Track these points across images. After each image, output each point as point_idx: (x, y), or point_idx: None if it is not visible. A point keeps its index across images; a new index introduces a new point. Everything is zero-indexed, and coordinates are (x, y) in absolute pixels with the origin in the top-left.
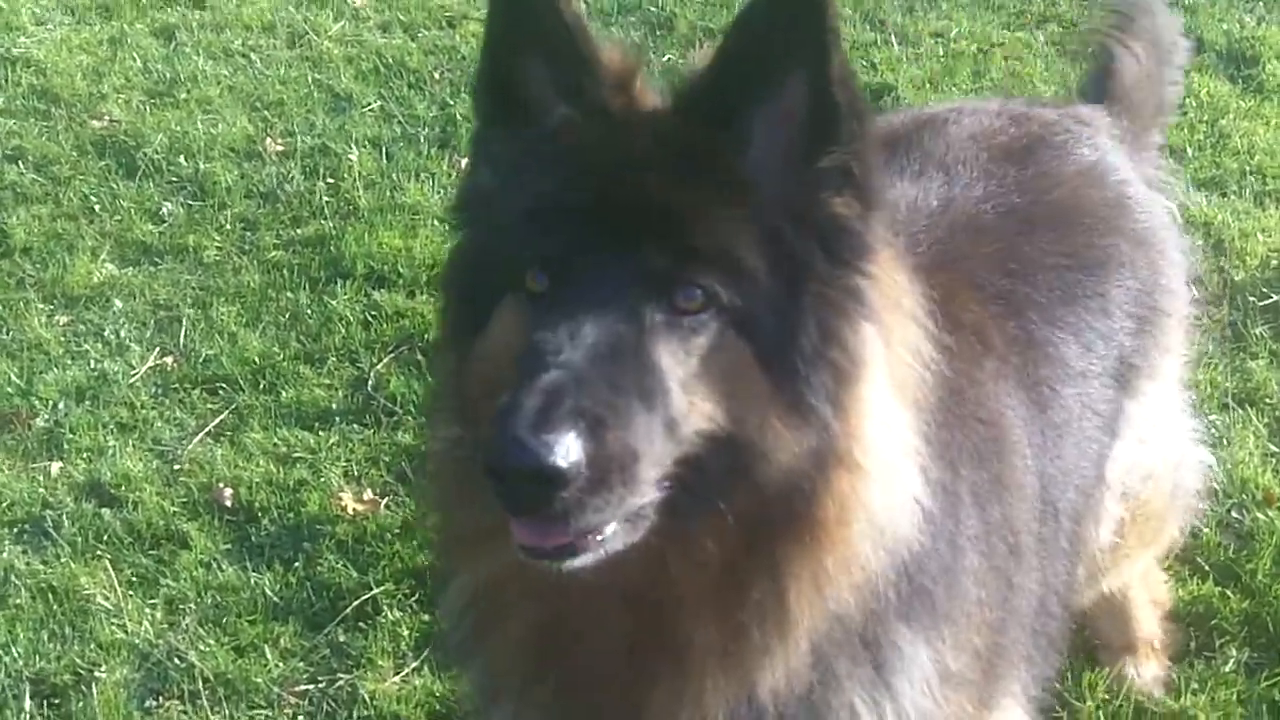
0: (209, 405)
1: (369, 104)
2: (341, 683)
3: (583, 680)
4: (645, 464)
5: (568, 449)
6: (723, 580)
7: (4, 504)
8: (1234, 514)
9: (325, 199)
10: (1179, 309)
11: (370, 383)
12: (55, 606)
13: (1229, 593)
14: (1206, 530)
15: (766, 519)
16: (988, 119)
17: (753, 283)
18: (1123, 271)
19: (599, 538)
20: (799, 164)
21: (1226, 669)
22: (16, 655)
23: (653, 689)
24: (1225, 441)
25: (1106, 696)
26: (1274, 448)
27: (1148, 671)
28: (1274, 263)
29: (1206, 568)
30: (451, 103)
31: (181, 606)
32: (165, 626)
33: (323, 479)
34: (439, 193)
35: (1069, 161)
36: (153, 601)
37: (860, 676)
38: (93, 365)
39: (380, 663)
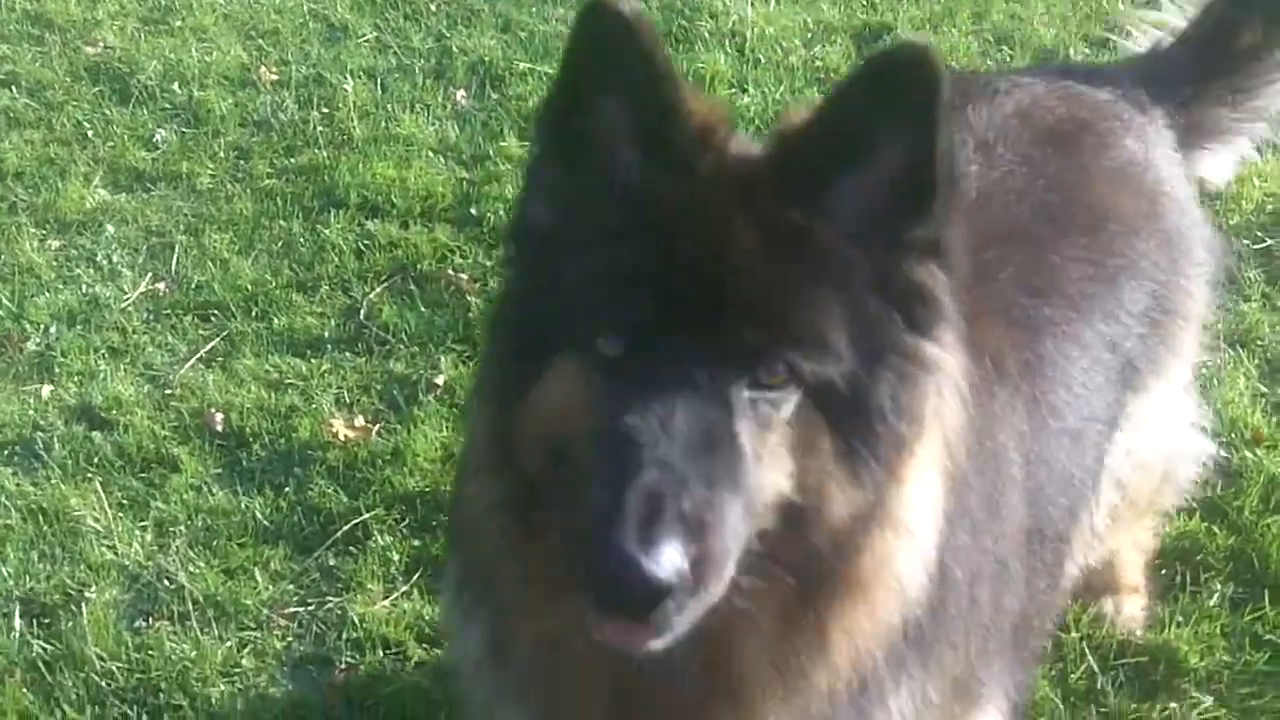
0: (201, 331)
1: (364, 35)
2: (331, 605)
3: None
4: (734, 557)
5: (675, 562)
6: (777, 630)
7: None
8: (1222, 452)
9: (319, 129)
10: (1195, 311)
11: (363, 311)
12: (45, 527)
13: (1215, 529)
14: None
15: (813, 574)
16: (1039, 92)
17: (835, 356)
18: (1141, 278)
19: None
20: (888, 233)
21: (1211, 603)
22: (6, 575)
23: None
24: (1216, 381)
25: (1090, 631)
26: (1263, 388)
27: (1128, 609)
28: (1269, 208)
29: (1194, 504)
30: (447, 35)
31: (172, 529)
32: (155, 549)
33: (314, 405)
34: (433, 124)
35: (1109, 154)
36: (143, 524)
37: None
38: (84, 290)
39: (370, 586)
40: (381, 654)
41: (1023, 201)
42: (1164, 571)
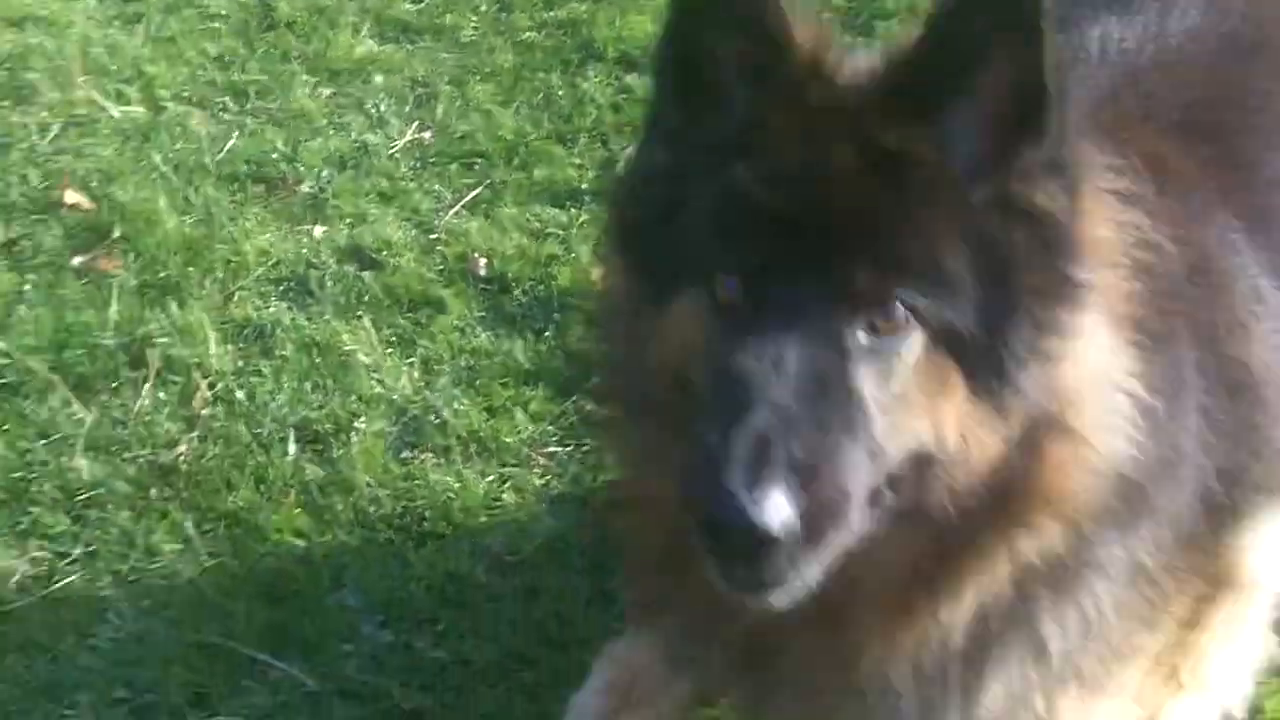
0: (464, 179)
1: None
2: (588, 448)
3: (782, 673)
4: (854, 504)
5: (781, 508)
6: (905, 581)
7: (271, 262)
8: None
9: None
10: None
11: (620, 165)
12: (318, 360)
13: None
14: None
15: (966, 516)
16: None
17: (958, 291)
18: None
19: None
20: (1002, 156)
21: None
22: (282, 403)
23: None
24: None
25: None
26: None
27: None
28: None
29: None
30: None
31: (437, 367)
32: (422, 384)
33: (573, 255)
34: None
35: None
36: (410, 360)
37: (1057, 584)
38: (354, 136)
39: None
40: None
41: (1202, 31)
42: None
